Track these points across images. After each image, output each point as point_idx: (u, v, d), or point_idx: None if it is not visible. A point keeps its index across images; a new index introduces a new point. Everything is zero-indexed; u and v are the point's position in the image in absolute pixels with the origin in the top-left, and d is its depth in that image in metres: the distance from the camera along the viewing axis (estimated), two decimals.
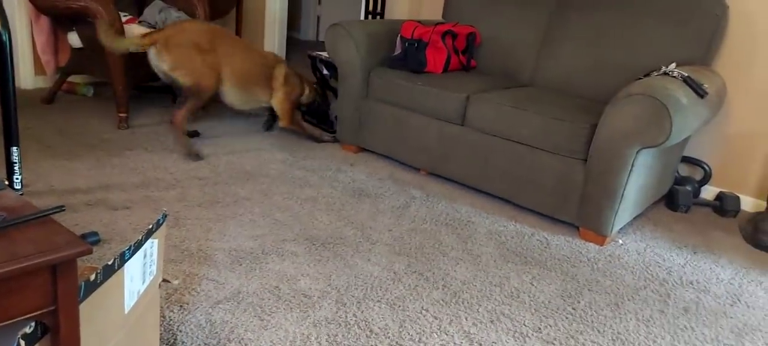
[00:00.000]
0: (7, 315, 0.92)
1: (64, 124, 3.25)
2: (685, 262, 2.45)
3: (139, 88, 3.79)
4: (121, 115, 3.28)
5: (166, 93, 3.93)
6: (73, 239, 0.97)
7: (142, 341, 1.37)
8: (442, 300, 2.01)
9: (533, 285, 2.16)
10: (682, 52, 2.74)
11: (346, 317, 1.87)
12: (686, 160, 3.04)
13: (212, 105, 3.87)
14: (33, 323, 0.95)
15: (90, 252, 0.97)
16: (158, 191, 2.59)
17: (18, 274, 0.89)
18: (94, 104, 3.65)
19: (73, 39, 3.41)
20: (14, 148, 2.02)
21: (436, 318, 1.91)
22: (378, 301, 1.97)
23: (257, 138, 3.40)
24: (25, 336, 0.94)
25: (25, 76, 3.73)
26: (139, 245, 1.24)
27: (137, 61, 3.30)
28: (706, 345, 1.92)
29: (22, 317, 0.93)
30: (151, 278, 1.35)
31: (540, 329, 1.91)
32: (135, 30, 3.36)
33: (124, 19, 3.30)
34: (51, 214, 1.02)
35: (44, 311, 0.96)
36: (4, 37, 1.89)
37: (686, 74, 2.42)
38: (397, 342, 1.78)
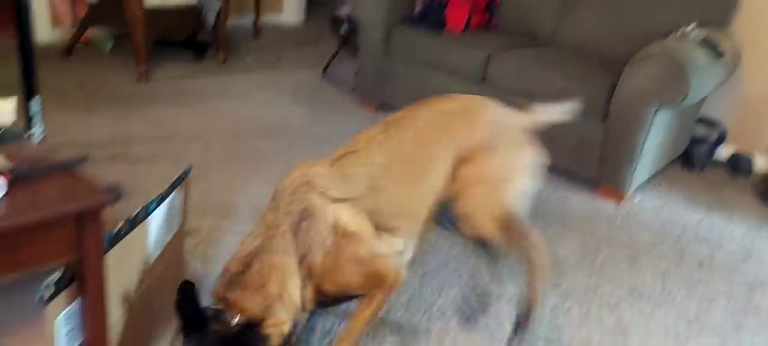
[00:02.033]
0: (35, 262, 0.94)
1: (83, 78, 3.26)
2: (700, 219, 2.44)
3: (159, 42, 3.78)
4: (141, 68, 3.28)
5: (186, 47, 3.92)
6: (97, 190, 0.98)
7: (166, 292, 1.40)
8: (463, 255, 2.02)
9: (553, 241, 2.16)
10: (701, 13, 2.69)
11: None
12: (702, 120, 3.01)
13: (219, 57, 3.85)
14: (60, 272, 0.97)
15: (114, 202, 0.98)
16: (180, 144, 2.61)
17: (43, 222, 0.91)
18: (113, 58, 3.66)
19: None
20: (34, 99, 2.03)
21: (455, 272, 1.93)
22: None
23: (276, 92, 3.39)
24: (52, 284, 0.96)
25: (42, 28, 3.73)
26: (163, 197, 1.26)
27: (156, 14, 3.28)
28: (719, 298, 1.93)
29: (49, 264, 0.95)
30: (176, 229, 1.37)
31: (559, 283, 1.92)
32: None
33: None
34: (74, 165, 1.03)
35: (70, 259, 0.98)
36: None
37: (704, 35, 2.41)
38: (417, 295, 1.80)
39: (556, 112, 1.76)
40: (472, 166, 1.56)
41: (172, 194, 1.31)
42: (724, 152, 3.03)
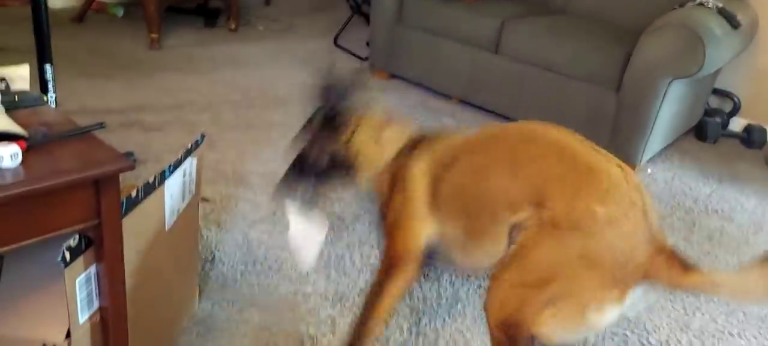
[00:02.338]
0: (52, 227, 0.95)
1: (96, 44, 3.26)
2: (712, 191, 2.43)
3: (171, 8, 3.77)
4: (153, 35, 3.27)
5: (198, 14, 3.90)
6: (115, 155, 0.99)
7: (182, 257, 1.43)
8: None
9: None
10: None
11: (379, 238, 1.90)
12: (717, 92, 2.99)
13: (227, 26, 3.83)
14: (77, 236, 0.99)
15: (132, 168, 0.99)
16: (191, 113, 2.61)
17: (62, 188, 0.92)
18: (125, 24, 3.65)
19: None
20: (47, 66, 2.04)
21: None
22: None
23: (287, 61, 3.38)
24: (70, 248, 0.98)
25: None
26: (178, 164, 1.27)
27: None
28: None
29: (67, 230, 0.97)
30: (191, 196, 1.38)
31: None
32: None
33: None
34: (92, 130, 1.04)
35: (88, 224, 0.99)
36: None
37: (721, 5, 2.38)
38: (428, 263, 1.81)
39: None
40: (529, 237, 1.22)
41: (186, 161, 1.32)
42: (737, 124, 3.01)
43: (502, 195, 1.28)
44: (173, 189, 1.28)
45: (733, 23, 2.34)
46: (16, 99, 1.06)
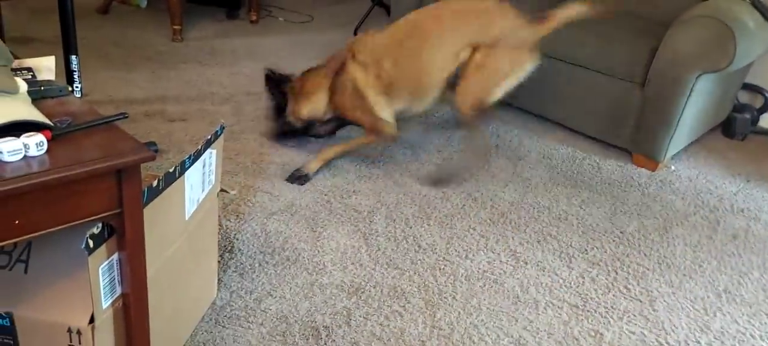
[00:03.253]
0: (76, 216, 0.97)
1: (120, 36, 3.31)
2: (738, 190, 2.39)
3: (192, 0, 3.80)
4: (175, 27, 3.31)
5: (219, 6, 3.93)
6: (137, 145, 1.00)
7: (201, 247, 1.45)
8: (490, 220, 2.03)
9: (582, 208, 2.14)
10: None
11: (395, 232, 1.91)
12: (747, 87, 2.90)
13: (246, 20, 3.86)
14: (100, 225, 1.01)
15: (153, 159, 1.00)
16: (213, 104, 2.64)
17: (85, 177, 0.93)
18: (148, 16, 3.69)
19: None
20: (73, 57, 2.07)
21: (483, 236, 1.93)
22: (427, 218, 2.00)
23: (307, 53, 3.39)
24: (93, 236, 1.00)
25: None
26: (198, 155, 1.28)
27: None
28: (752, 272, 1.90)
29: (90, 218, 0.99)
30: (210, 186, 1.40)
31: (586, 250, 1.92)
32: None
33: None
34: (115, 120, 1.06)
35: (110, 213, 1.01)
36: None
37: None
38: (444, 258, 1.82)
39: (566, 16, 2.11)
40: (478, 55, 2.04)
41: (206, 151, 1.33)
42: (767, 121, 2.94)
43: (442, 58, 2.05)
44: (193, 179, 1.29)
45: (766, 15, 2.26)
46: (43, 89, 1.08)
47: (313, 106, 2.20)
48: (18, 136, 0.89)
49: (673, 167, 2.52)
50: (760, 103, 2.91)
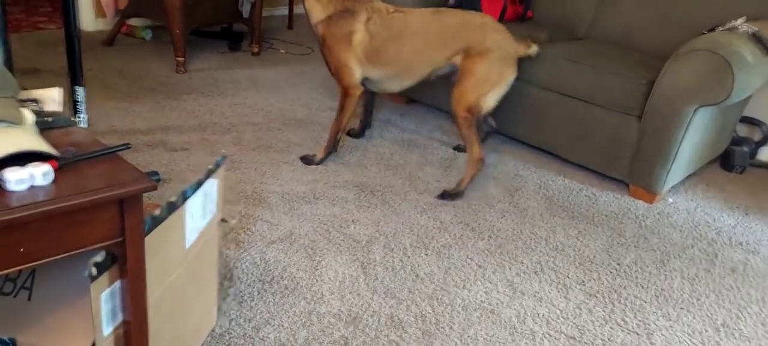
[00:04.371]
0: (79, 244, 0.99)
1: (124, 67, 3.36)
2: (736, 223, 2.40)
3: (196, 32, 3.87)
4: (179, 59, 3.36)
5: (222, 38, 4.00)
6: (139, 176, 1.03)
7: (201, 275, 1.46)
8: (487, 250, 2.04)
9: (579, 240, 2.16)
10: (753, 6, 2.61)
11: (393, 261, 1.92)
12: (745, 120, 2.93)
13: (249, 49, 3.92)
14: (103, 253, 1.03)
15: (155, 188, 1.03)
16: (214, 134, 2.67)
17: (89, 206, 0.96)
18: (152, 48, 3.75)
19: None
20: (79, 88, 2.11)
21: (480, 267, 1.95)
22: (424, 248, 2.01)
23: (307, 85, 3.44)
24: (96, 264, 1.02)
25: (86, 19, 3.86)
26: (199, 184, 1.31)
27: (194, 6, 3.36)
28: (751, 305, 1.90)
29: (93, 247, 1.00)
30: (211, 216, 1.42)
31: (583, 282, 1.93)
32: None
33: None
34: (118, 151, 1.08)
35: (113, 241, 1.03)
36: None
37: (754, 29, 2.31)
38: (441, 287, 1.83)
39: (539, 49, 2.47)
40: (470, 62, 2.32)
41: (208, 181, 1.35)
42: (766, 154, 2.95)
43: (434, 55, 2.36)
44: (194, 209, 1.31)
45: (766, 49, 2.27)
46: (49, 120, 1.11)
47: (314, 4, 2.36)
48: (25, 166, 0.92)
49: (670, 200, 2.53)
50: (759, 137, 2.93)
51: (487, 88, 2.33)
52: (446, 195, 2.35)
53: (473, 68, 2.32)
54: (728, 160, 2.86)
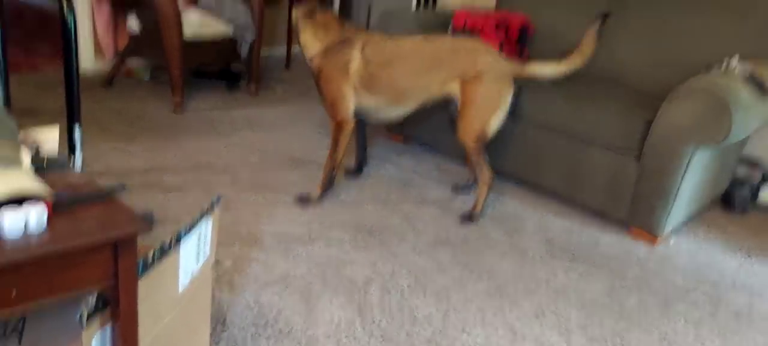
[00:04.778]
0: (72, 287, 0.97)
1: (122, 107, 3.36)
2: (739, 265, 2.38)
3: (194, 73, 3.89)
4: (177, 99, 3.37)
5: (220, 78, 4.02)
6: (133, 218, 1.01)
7: (194, 319, 1.42)
8: (487, 293, 2.01)
9: (580, 282, 2.13)
10: (745, 46, 2.64)
11: (391, 304, 1.89)
12: (745, 160, 2.93)
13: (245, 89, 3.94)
14: (95, 295, 1.00)
15: (150, 230, 1.01)
16: (210, 174, 2.66)
17: (82, 249, 0.94)
18: (150, 88, 3.77)
19: (132, 24, 3.52)
20: (76, 128, 2.10)
21: (480, 310, 1.91)
22: (423, 290, 1.98)
23: (305, 124, 3.44)
24: (88, 307, 0.99)
25: (86, 60, 3.87)
26: (193, 226, 1.28)
27: (193, 47, 3.38)
28: None
29: (86, 289, 0.98)
30: (205, 258, 1.39)
31: (585, 326, 1.89)
32: (192, 16, 3.44)
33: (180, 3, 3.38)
34: (113, 193, 1.07)
35: (105, 284, 1.00)
36: (69, 21, 1.96)
37: (749, 70, 2.33)
38: (440, 331, 1.79)
39: (542, 71, 2.41)
40: (467, 90, 2.35)
41: (202, 223, 1.33)
42: (767, 195, 2.94)
43: (428, 82, 2.38)
44: (188, 251, 1.29)
45: (761, 90, 2.29)
46: (45, 162, 1.10)
47: (309, 39, 2.42)
48: (19, 208, 0.90)
49: (672, 241, 2.51)
50: (759, 177, 2.93)
51: (489, 112, 2.38)
52: (465, 218, 2.47)
53: (472, 96, 2.35)
54: (729, 201, 2.85)
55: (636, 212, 2.46)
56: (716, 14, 2.78)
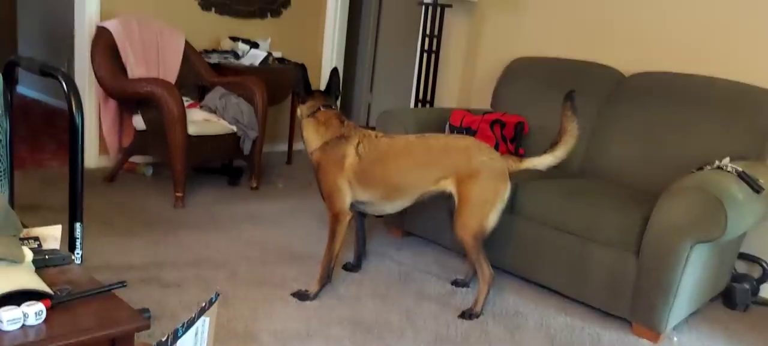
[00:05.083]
0: None
1: (124, 202, 3.39)
2: None
3: (196, 168, 3.95)
4: (178, 194, 3.40)
5: (222, 174, 4.08)
6: (131, 314, 1.01)
7: None
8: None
9: None
10: (735, 147, 2.70)
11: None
12: (743, 256, 2.93)
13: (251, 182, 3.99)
14: None
15: (148, 327, 1.01)
16: (209, 269, 2.65)
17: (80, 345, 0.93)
18: (152, 183, 3.81)
19: (138, 121, 3.61)
20: (77, 224, 2.11)
21: None
22: None
23: (305, 219, 3.46)
24: None
25: (90, 156, 3.95)
26: (191, 323, 1.27)
27: (196, 143, 3.45)
28: None
29: None
30: None
31: None
32: (196, 115, 3.54)
33: (186, 104, 3.49)
34: (112, 289, 1.07)
35: None
36: (77, 120, 2.02)
37: (741, 169, 2.38)
38: None
39: (541, 162, 2.44)
40: (463, 188, 2.39)
41: (199, 320, 1.32)
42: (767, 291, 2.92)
43: (421, 178, 2.44)
44: None
45: (754, 188, 2.31)
46: (47, 258, 1.11)
47: (312, 134, 2.50)
48: (19, 305, 0.90)
49: (675, 339, 2.47)
50: (759, 273, 2.92)
51: (486, 209, 2.39)
52: (466, 315, 2.43)
53: (468, 194, 2.38)
54: (730, 297, 2.82)
55: (637, 309, 2.43)
56: (706, 115, 2.87)
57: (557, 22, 3.74)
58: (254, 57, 4.25)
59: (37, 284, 0.97)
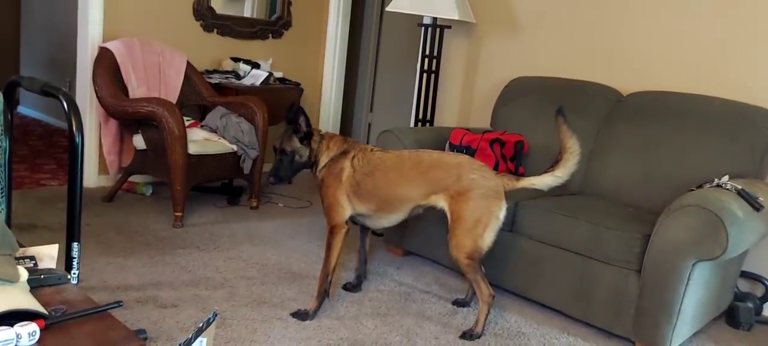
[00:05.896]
0: None
1: (122, 222, 3.38)
2: None
3: (196, 188, 3.94)
4: (177, 214, 3.39)
5: (222, 193, 4.07)
6: (128, 335, 1.00)
7: None
8: None
9: None
10: (734, 166, 2.70)
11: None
12: (746, 275, 2.91)
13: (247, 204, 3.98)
14: None
15: None
16: (207, 289, 2.63)
17: None
18: (151, 203, 3.80)
19: (138, 141, 3.61)
20: (75, 244, 2.10)
21: None
22: None
23: (305, 238, 3.44)
24: None
25: (90, 175, 3.94)
26: (188, 344, 1.25)
27: (198, 162, 3.45)
28: None
29: None
30: None
31: None
32: (197, 134, 3.54)
33: (186, 124, 3.49)
34: (107, 309, 1.06)
35: None
36: (77, 139, 2.02)
37: (740, 187, 2.37)
38: None
39: (542, 182, 2.41)
40: (455, 206, 2.38)
41: (197, 341, 1.30)
42: None
43: (413, 193, 2.46)
44: None
45: (755, 206, 2.30)
46: (42, 278, 1.09)
47: (323, 157, 2.55)
48: (12, 325, 0.89)
49: None
50: (761, 292, 2.90)
51: (480, 229, 2.36)
52: (467, 335, 2.40)
53: (460, 213, 2.36)
54: (734, 316, 2.80)
55: (640, 328, 2.41)
56: (705, 134, 2.87)
57: (555, 42, 3.76)
58: (255, 77, 4.26)
59: (31, 303, 0.96)
